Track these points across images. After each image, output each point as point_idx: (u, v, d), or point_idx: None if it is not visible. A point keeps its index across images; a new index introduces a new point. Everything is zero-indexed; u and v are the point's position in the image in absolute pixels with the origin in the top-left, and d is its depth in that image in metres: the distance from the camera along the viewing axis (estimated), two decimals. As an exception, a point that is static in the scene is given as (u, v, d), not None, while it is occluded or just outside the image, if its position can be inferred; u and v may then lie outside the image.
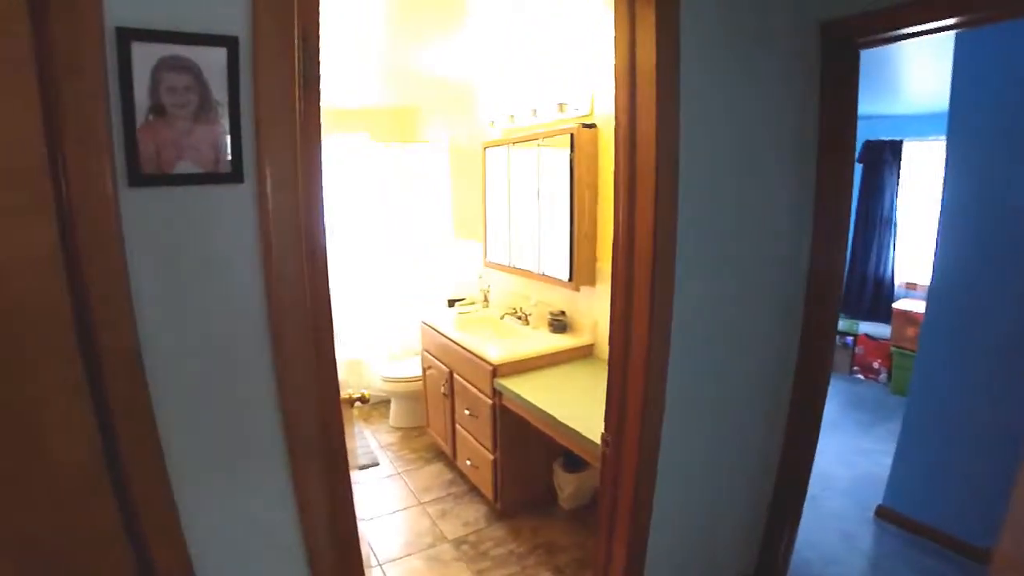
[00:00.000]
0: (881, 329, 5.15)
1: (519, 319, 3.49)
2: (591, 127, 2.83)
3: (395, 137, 4.78)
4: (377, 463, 3.70)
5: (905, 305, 4.83)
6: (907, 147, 5.10)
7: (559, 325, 3.18)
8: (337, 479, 1.29)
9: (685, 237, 1.66)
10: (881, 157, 5.20)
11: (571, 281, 2.99)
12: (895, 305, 4.91)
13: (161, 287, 1.01)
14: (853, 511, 3.03)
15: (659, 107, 1.51)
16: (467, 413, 3.10)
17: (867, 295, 5.44)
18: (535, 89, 3.29)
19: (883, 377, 5.05)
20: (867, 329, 5.25)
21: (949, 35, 1.84)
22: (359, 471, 3.52)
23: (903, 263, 5.33)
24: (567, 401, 2.48)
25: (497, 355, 2.84)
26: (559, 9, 2.29)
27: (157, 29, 0.94)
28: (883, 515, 2.94)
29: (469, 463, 3.19)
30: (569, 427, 2.24)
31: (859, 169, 5.30)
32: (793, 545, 2.36)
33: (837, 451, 3.72)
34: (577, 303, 3.16)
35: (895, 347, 4.77)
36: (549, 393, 2.57)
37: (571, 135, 2.84)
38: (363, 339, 4.50)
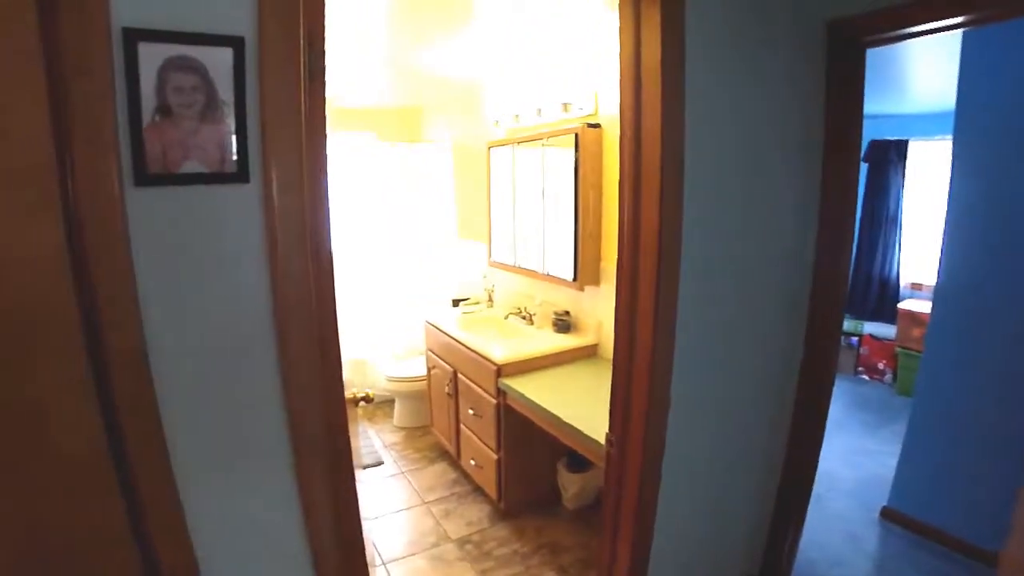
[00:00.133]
0: (886, 330, 5.14)
1: (523, 319, 3.49)
2: (596, 127, 2.83)
3: (400, 137, 4.79)
4: (381, 462, 3.70)
5: (910, 305, 4.81)
6: (913, 146, 5.08)
7: (563, 325, 3.18)
8: (342, 478, 1.29)
9: (690, 237, 1.65)
10: (886, 156, 5.18)
11: (575, 281, 2.99)
12: (900, 305, 4.89)
13: (167, 286, 1.02)
14: (858, 512, 3.03)
15: (664, 107, 1.50)
16: (471, 413, 3.10)
17: (872, 295, 5.42)
18: (540, 89, 3.29)
19: (888, 378, 5.03)
20: (872, 329, 5.23)
21: (956, 34, 1.83)
22: (363, 470, 3.52)
23: (908, 263, 5.30)
24: (571, 401, 2.48)
25: (501, 355, 2.84)
26: (564, 9, 2.29)
27: (163, 29, 0.94)
28: (888, 516, 2.93)
29: (473, 463, 3.19)
30: (573, 427, 2.24)
31: (864, 168, 5.28)
32: (797, 546, 2.35)
33: (842, 452, 3.71)
34: (581, 303, 3.16)
35: (900, 348, 4.75)
36: (553, 393, 2.57)
37: (575, 135, 2.83)
38: (368, 339, 4.51)
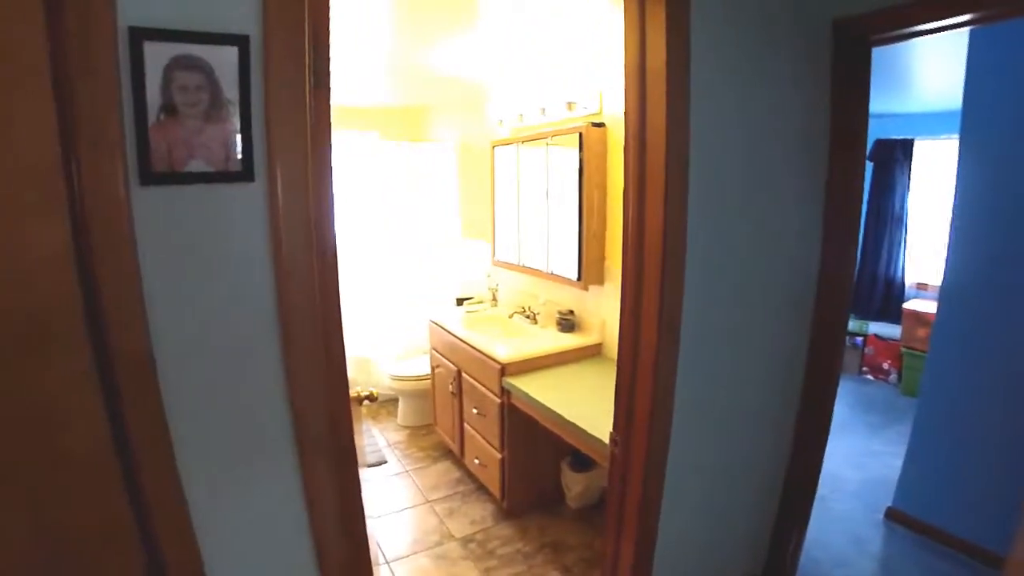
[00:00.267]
0: (891, 329, 5.12)
1: (527, 318, 3.49)
2: (600, 126, 2.83)
3: (404, 136, 4.79)
4: (385, 461, 3.71)
5: (916, 305, 4.79)
6: (918, 146, 5.05)
7: (567, 324, 3.18)
8: (346, 477, 1.29)
9: (695, 237, 1.65)
10: (892, 156, 5.16)
11: (580, 280, 2.99)
12: (905, 305, 4.87)
13: (172, 285, 1.02)
14: (863, 513, 3.02)
15: (669, 106, 1.50)
16: (475, 412, 3.10)
17: (877, 295, 5.40)
18: (544, 88, 3.29)
19: (893, 378, 5.02)
20: (877, 329, 5.21)
21: (963, 32, 1.82)
22: (367, 469, 3.53)
23: (914, 263, 5.28)
24: (575, 400, 2.47)
25: (505, 354, 2.84)
26: (568, 8, 2.28)
27: (169, 28, 0.94)
28: (893, 517, 2.92)
29: (477, 462, 3.19)
30: (577, 426, 2.24)
31: (870, 168, 5.26)
32: (802, 546, 2.34)
33: (846, 452, 3.69)
34: (586, 302, 3.15)
35: (905, 348, 4.74)
36: (557, 392, 2.57)
37: (580, 134, 2.83)
38: (372, 337, 4.51)
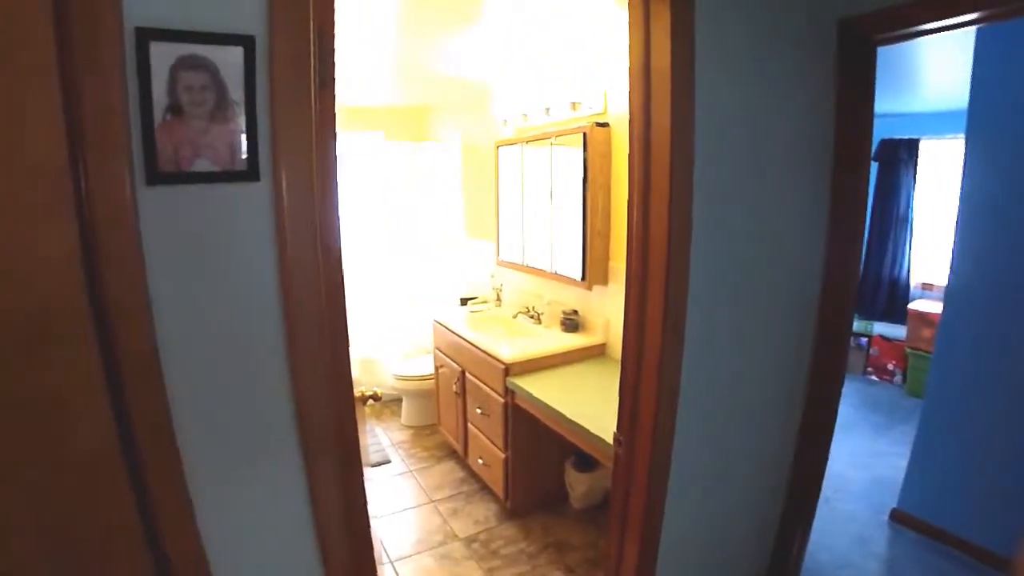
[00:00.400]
0: (896, 330, 5.10)
1: (531, 318, 3.49)
2: (604, 126, 2.83)
3: (408, 136, 4.80)
4: (389, 461, 3.71)
5: (921, 306, 4.77)
6: (924, 145, 5.03)
7: (571, 324, 3.17)
8: (351, 477, 1.29)
9: (700, 237, 1.64)
10: (897, 156, 5.14)
11: (584, 280, 2.99)
12: (911, 306, 4.85)
13: (178, 285, 1.02)
14: (867, 514, 3.01)
15: (674, 107, 1.50)
16: (479, 412, 3.10)
17: (882, 296, 5.38)
18: (548, 88, 3.29)
19: (897, 379, 5.00)
20: (882, 330, 5.20)
21: (969, 31, 1.81)
22: (371, 468, 3.54)
23: (919, 263, 5.26)
24: (579, 400, 2.47)
25: (509, 354, 2.84)
26: (573, 8, 2.28)
27: (175, 29, 0.95)
28: (898, 518, 2.91)
29: (480, 462, 3.19)
30: (581, 426, 2.24)
31: (875, 168, 5.24)
32: (806, 547, 2.34)
33: (851, 453, 3.68)
34: (590, 302, 3.15)
35: (910, 348, 4.72)
36: (561, 392, 2.57)
37: (584, 134, 2.83)
38: (376, 337, 4.52)
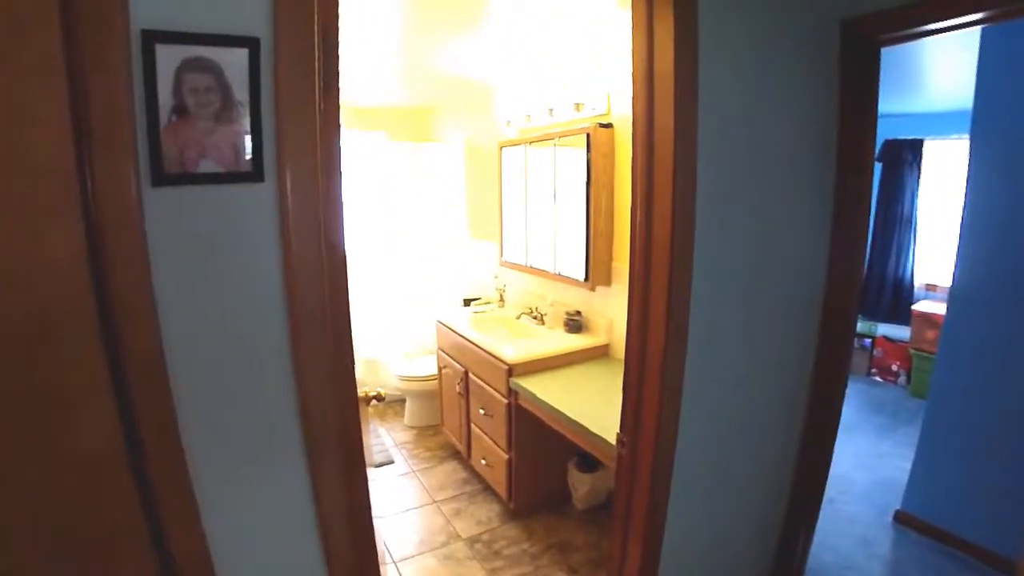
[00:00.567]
0: (900, 331, 5.09)
1: (535, 319, 3.49)
2: (608, 127, 2.83)
3: (412, 136, 4.81)
4: (392, 461, 3.72)
5: (925, 307, 4.76)
6: (928, 146, 5.02)
7: (575, 325, 3.17)
8: (354, 477, 1.30)
9: (703, 239, 1.64)
10: (901, 156, 5.13)
11: (587, 281, 2.99)
12: (915, 307, 4.84)
13: (183, 285, 1.03)
14: (871, 515, 3.00)
15: (677, 108, 1.49)
16: (482, 412, 3.11)
17: (886, 296, 5.37)
18: (551, 88, 3.29)
19: (901, 380, 4.99)
20: (885, 331, 5.19)
21: (974, 30, 1.81)
22: (374, 469, 3.54)
23: (923, 264, 5.25)
24: (582, 401, 2.47)
25: (513, 354, 2.84)
26: (576, 9, 2.28)
27: (180, 31, 0.95)
28: (902, 520, 2.90)
29: (484, 462, 3.19)
30: (584, 427, 2.24)
31: (879, 168, 5.23)
32: (809, 548, 2.33)
33: (855, 454, 3.68)
34: (593, 303, 3.15)
35: (914, 350, 4.71)
36: (564, 393, 2.57)
37: (587, 135, 2.83)
38: (379, 338, 4.53)
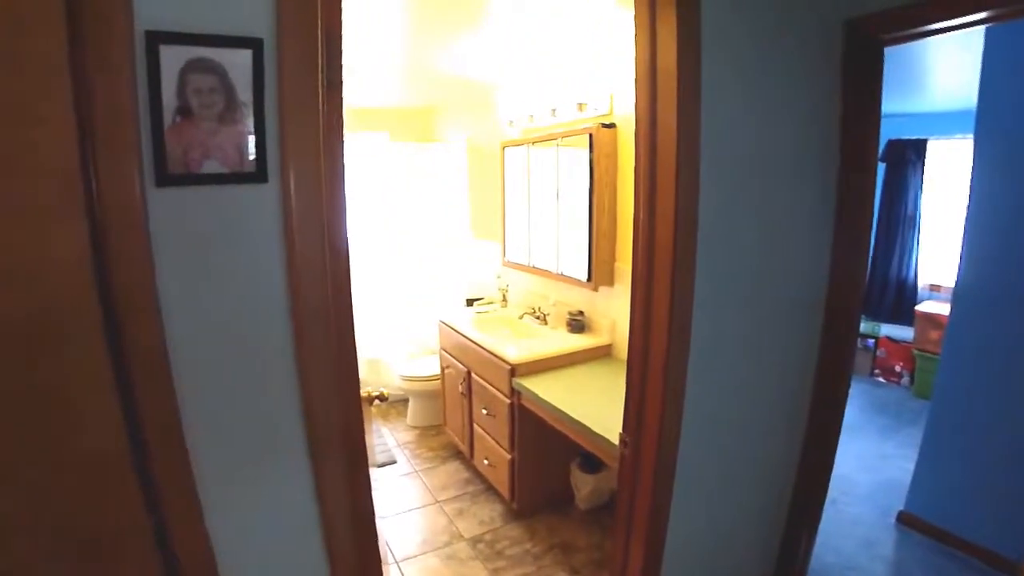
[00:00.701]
0: (903, 332, 5.07)
1: (537, 319, 3.49)
2: (610, 127, 2.83)
3: (414, 137, 4.81)
4: (395, 461, 3.72)
5: (928, 307, 4.75)
6: (932, 146, 5.00)
7: (577, 325, 3.17)
8: (357, 477, 1.30)
9: (706, 239, 1.64)
10: (904, 156, 5.11)
11: (590, 281, 2.98)
12: (918, 307, 4.83)
13: (187, 285, 1.03)
14: (874, 517, 3.00)
15: (680, 107, 1.49)
16: (485, 412, 3.11)
17: (889, 297, 5.35)
18: (554, 89, 3.29)
19: (905, 380, 4.97)
20: (889, 331, 5.17)
21: (978, 29, 1.80)
22: (377, 469, 3.54)
23: (927, 265, 5.23)
24: (585, 401, 2.47)
25: (515, 355, 2.84)
26: (579, 9, 2.28)
27: (184, 32, 0.95)
28: (905, 521, 2.89)
29: (486, 462, 3.19)
30: (587, 427, 2.24)
31: (882, 169, 5.22)
32: (812, 550, 2.33)
33: (858, 455, 3.67)
34: (595, 303, 3.15)
35: (918, 350, 4.69)
36: (567, 393, 2.57)
37: (590, 135, 2.83)
38: (382, 338, 4.53)
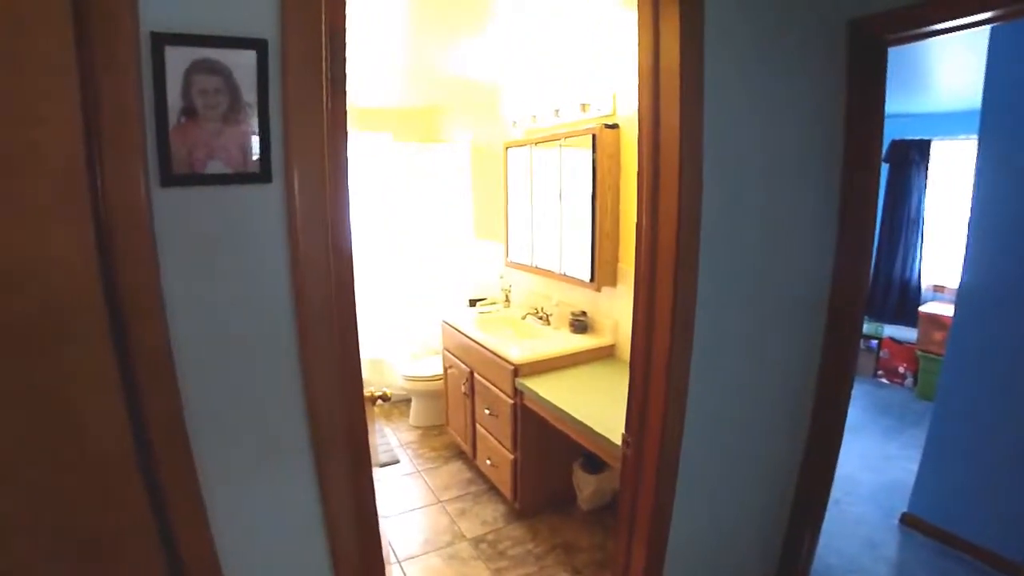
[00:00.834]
0: (907, 332, 5.06)
1: (540, 319, 3.49)
2: (613, 127, 2.83)
3: (417, 137, 4.81)
4: (397, 461, 3.72)
5: (932, 308, 4.73)
6: (936, 146, 4.99)
7: (580, 325, 3.17)
8: (360, 476, 1.30)
9: (708, 239, 1.64)
10: (908, 157, 5.10)
11: (592, 282, 2.99)
12: (922, 308, 4.81)
13: (191, 285, 1.03)
14: (877, 518, 2.99)
15: (683, 108, 1.49)
16: (487, 412, 3.11)
17: (892, 298, 5.34)
18: (557, 89, 3.29)
19: (908, 381, 4.96)
20: (892, 332, 5.16)
21: (982, 30, 1.80)
22: (380, 468, 3.55)
23: (930, 265, 5.22)
24: (588, 402, 2.47)
25: (518, 355, 2.84)
26: (582, 10, 2.28)
27: (190, 33, 0.96)
28: (908, 522, 2.89)
29: (489, 462, 3.20)
30: (589, 427, 2.24)
31: (885, 169, 5.20)
32: (815, 550, 2.32)
33: (861, 456, 3.66)
34: (598, 304, 3.15)
35: (921, 351, 4.68)
36: (570, 393, 2.57)
37: (593, 135, 2.83)
38: (385, 338, 4.54)
